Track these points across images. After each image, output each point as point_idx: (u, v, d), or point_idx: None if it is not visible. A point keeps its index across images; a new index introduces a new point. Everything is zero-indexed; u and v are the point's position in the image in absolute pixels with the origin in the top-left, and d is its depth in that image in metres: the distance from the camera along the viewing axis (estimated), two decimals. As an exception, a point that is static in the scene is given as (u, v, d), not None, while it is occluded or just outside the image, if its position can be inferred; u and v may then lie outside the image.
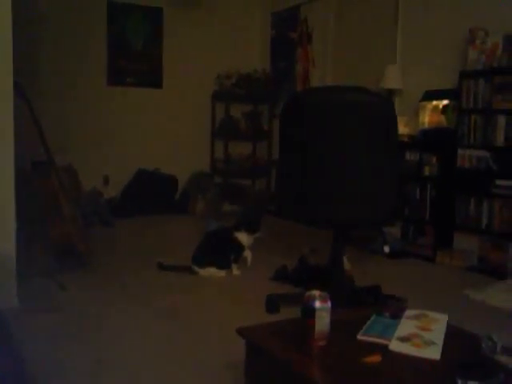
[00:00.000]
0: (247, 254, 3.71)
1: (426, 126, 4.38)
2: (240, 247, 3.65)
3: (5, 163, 2.83)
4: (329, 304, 1.52)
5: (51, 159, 3.71)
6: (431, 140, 4.27)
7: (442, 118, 4.28)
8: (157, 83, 6.21)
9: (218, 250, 3.67)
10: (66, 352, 2.37)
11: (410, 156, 4.35)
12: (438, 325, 1.69)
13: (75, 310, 2.91)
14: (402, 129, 4.30)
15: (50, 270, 3.47)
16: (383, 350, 1.52)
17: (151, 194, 5.85)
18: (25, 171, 3.77)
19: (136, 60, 6.08)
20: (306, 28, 6.03)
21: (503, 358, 1.44)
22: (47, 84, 5.47)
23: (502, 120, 3.73)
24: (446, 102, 4.25)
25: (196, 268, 3.62)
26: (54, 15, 5.51)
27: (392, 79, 4.67)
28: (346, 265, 3.24)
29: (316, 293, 1.52)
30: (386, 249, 4.25)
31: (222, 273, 3.63)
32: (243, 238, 3.63)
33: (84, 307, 2.96)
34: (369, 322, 1.71)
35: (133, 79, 6.08)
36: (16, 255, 2.91)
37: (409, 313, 1.79)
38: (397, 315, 1.76)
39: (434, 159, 4.18)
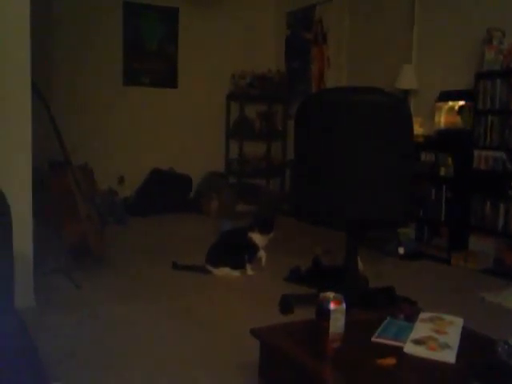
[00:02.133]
0: (262, 254, 3.72)
1: (442, 126, 4.36)
2: (254, 247, 3.66)
3: (22, 163, 2.86)
4: (343, 306, 1.52)
5: (68, 158, 3.75)
6: (447, 141, 4.24)
7: (458, 119, 4.25)
8: (172, 83, 6.24)
9: (233, 250, 3.68)
10: (81, 350, 2.40)
11: (426, 157, 4.32)
12: (453, 328, 1.68)
13: (90, 309, 2.93)
14: (418, 129, 4.28)
15: (65, 269, 3.50)
16: (398, 352, 1.51)
17: (166, 193, 5.88)
18: (42, 171, 3.81)
19: (151, 60, 6.11)
20: (320, 28, 6.02)
21: (519, 363, 1.43)
22: (63, 84, 5.51)
23: (519, 121, 3.70)
24: (462, 102, 4.22)
25: (210, 268, 3.63)
26: (69, 16, 5.55)
27: (407, 79, 4.64)
28: (359, 265, 3.24)
29: (330, 294, 1.52)
30: (401, 250, 4.23)
31: (237, 273, 3.64)
32: (257, 238, 3.64)
33: (98, 305, 2.99)
34: (383, 325, 1.71)
35: (148, 79, 6.11)
36: (33, 254, 2.94)
37: (424, 315, 1.78)
38: (411, 318, 1.75)
39: (450, 160, 4.15)
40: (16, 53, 2.80)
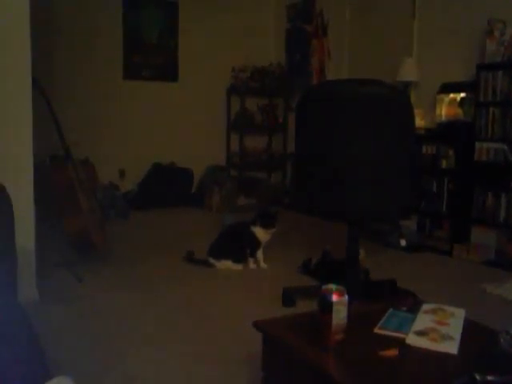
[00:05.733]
0: (259, 256, 3.70)
1: (443, 118, 4.35)
2: (256, 242, 3.65)
3: (24, 157, 2.87)
4: (346, 298, 1.52)
5: (68, 153, 3.75)
6: (448, 133, 4.24)
7: (459, 111, 4.24)
8: (172, 77, 6.23)
9: (235, 243, 3.69)
10: (83, 342, 2.41)
11: (427, 149, 4.32)
12: (455, 319, 1.68)
13: (92, 302, 2.94)
14: (419, 122, 4.27)
15: (67, 262, 3.51)
16: (400, 343, 1.52)
17: (167, 187, 5.89)
18: (43, 165, 3.81)
19: (151, 53, 6.09)
20: (321, 20, 6.00)
21: (521, 353, 1.43)
22: (63, 79, 5.50)
23: (520, 113, 3.69)
24: (463, 94, 4.21)
25: (212, 260, 3.64)
26: (68, 9, 5.53)
27: (408, 72, 4.63)
28: (361, 254, 3.24)
29: (333, 286, 1.52)
30: (403, 242, 4.23)
31: (239, 266, 3.64)
32: (259, 232, 3.64)
33: (100, 298, 3.00)
34: (385, 316, 1.71)
35: (148, 73, 6.09)
36: (35, 247, 2.95)
37: (426, 307, 1.78)
38: (413, 309, 1.75)
39: (451, 152, 4.14)
40: (16, 47, 2.80)
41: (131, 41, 5.97)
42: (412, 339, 1.53)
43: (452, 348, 1.48)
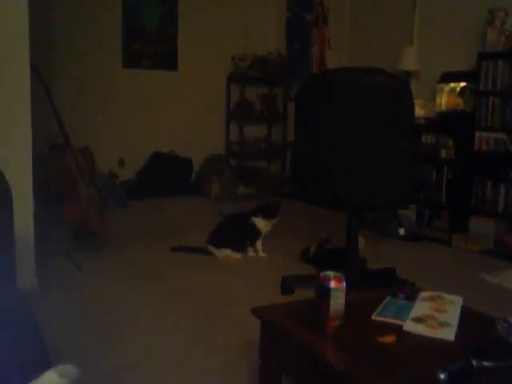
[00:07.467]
0: (258, 245, 3.71)
1: (443, 108, 4.34)
2: (256, 232, 3.65)
3: (22, 145, 2.86)
4: (344, 284, 1.52)
5: (68, 141, 3.74)
6: (448, 122, 4.23)
7: (460, 101, 4.23)
8: (172, 65, 6.20)
9: (235, 232, 3.69)
10: (82, 329, 2.42)
11: (427, 139, 4.31)
12: (452, 306, 1.69)
13: (91, 289, 2.95)
14: (419, 111, 4.26)
15: (66, 250, 3.52)
16: (398, 330, 1.52)
17: (167, 176, 5.88)
18: (42, 153, 3.81)
19: (151, 42, 6.06)
20: (321, 9, 5.96)
21: (518, 340, 1.44)
22: (62, 67, 5.47)
23: (520, 102, 3.68)
24: (463, 84, 4.20)
25: (211, 248, 3.64)
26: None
27: (409, 61, 4.61)
28: (361, 241, 3.24)
29: (331, 273, 1.53)
30: (401, 231, 4.24)
31: (238, 255, 3.65)
32: (260, 223, 3.64)
33: (99, 286, 3.01)
34: (383, 303, 1.71)
35: (148, 61, 6.07)
36: (34, 235, 2.96)
37: (424, 294, 1.78)
38: (411, 297, 1.76)
39: (451, 142, 4.14)
40: (15, 34, 2.78)
41: (131, 29, 5.93)
42: (410, 326, 1.54)
43: (449, 335, 1.49)
